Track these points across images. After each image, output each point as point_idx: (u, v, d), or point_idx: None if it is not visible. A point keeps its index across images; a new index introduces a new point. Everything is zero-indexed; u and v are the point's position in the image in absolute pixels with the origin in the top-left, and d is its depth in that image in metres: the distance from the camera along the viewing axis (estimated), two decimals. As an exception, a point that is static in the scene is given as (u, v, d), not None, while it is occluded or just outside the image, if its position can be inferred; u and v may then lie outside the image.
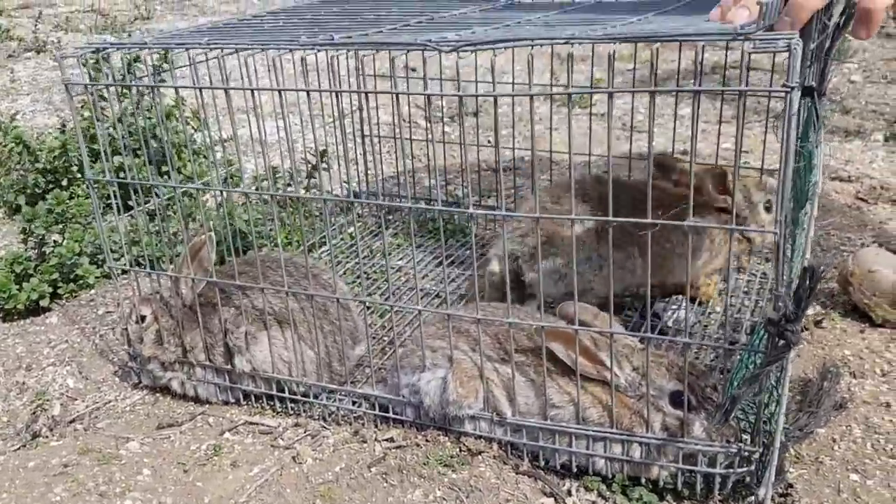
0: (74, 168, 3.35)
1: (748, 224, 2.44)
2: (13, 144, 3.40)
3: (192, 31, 2.07)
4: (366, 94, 2.57)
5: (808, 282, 1.36)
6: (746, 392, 1.48)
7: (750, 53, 1.29)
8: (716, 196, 2.33)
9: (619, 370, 1.70)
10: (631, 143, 2.74)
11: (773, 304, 1.41)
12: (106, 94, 2.24)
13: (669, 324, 2.32)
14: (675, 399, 1.67)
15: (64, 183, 3.34)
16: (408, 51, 1.58)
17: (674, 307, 2.41)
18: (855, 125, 4.31)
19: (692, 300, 2.45)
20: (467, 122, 4.21)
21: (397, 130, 2.44)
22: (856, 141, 4.08)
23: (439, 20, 1.95)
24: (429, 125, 2.01)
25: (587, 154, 2.69)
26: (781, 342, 1.42)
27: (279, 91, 1.69)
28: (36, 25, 6.62)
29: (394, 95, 1.64)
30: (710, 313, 2.41)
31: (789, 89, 1.27)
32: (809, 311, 2.42)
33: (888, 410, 2.00)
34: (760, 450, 1.60)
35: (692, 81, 3.91)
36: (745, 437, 1.67)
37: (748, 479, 1.64)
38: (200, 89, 1.81)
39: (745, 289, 2.55)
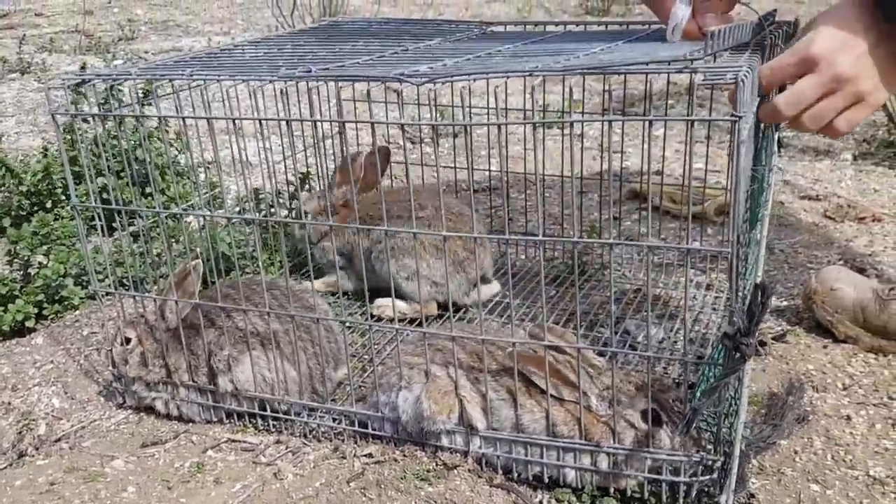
0: (58, 190, 3.40)
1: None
2: (-5, 166, 3.46)
3: (176, 60, 2.14)
4: (343, 122, 2.65)
5: (759, 297, 1.44)
6: (706, 403, 1.56)
7: (699, 85, 1.37)
8: None
9: (589, 390, 1.77)
10: (601, 164, 2.83)
11: (728, 319, 1.49)
12: (90, 120, 2.30)
13: (640, 339, 2.40)
14: (647, 416, 1.74)
15: (48, 205, 3.39)
16: (382, 82, 1.66)
17: (646, 324, 2.49)
18: (825, 144, 4.43)
19: (660, 316, 2.53)
20: (448, 143, 4.30)
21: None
22: (825, 160, 4.19)
23: (414, 51, 2.03)
24: (404, 149, 2.08)
25: (560, 175, 2.77)
26: (737, 355, 1.50)
27: (259, 121, 1.76)
28: (20, 47, 6.66)
29: (371, 125, 1.72)
30: (678, 330, 2.49)
31: (737, 118, 1.36)
32: (775, 328, 2.51)
33: (848, 423, 2.08)
34: (722, 458, 1.68)
35: (665, 104, 3.99)
36: (708, 447, 1.74)
37: (711, 487, 1.71)
38: (184, 118, 1.88)
39: (714, 305, 2.64)
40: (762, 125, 2.02)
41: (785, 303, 2.68)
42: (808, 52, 1.71)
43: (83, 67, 3.29)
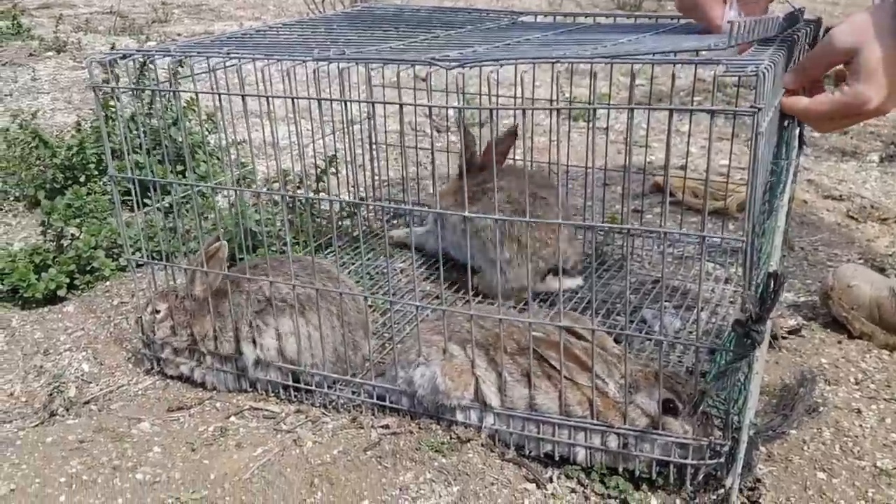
0: (91, 165, 3.49)
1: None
2: (30, 139, 3.56)
3: (213, 40, 2.21)
4: (373, 104, 2.70)
5: (772, 286, 1.48)
6: (715, 387, 1.60)
7: (720, 76, 1.41)
8: None
9: (608, 378, 1.82)
10: (625, 156, 2.86)
11: (740, 307, 1.53)
12: (124, 97, 2.36)
13: (656, 328, 2.43)
14: (665, 406, 1.78)
15: (82, 179, 3.49)
16: (413, 66, 1.71)
17: (666, 314, 2.52)
18: (851, 146, 4.42)
19: (678, 307, 2.57)
20: (475, 131, 4.34)
21: (406, 138, 2.57)
22: (851, 161, 4.19)
23: (444, 38, 2.08)
24: (431, 136, 2.13)
25: (584, 166, 2.80)
26: (748, 341, 1.54)
27: (292, 99, 1.82)
28: (57, 26, 6.79)
29: (399, 106, 1.77)
30: (695, 320, 2.52)
31: (757, 110, 1.39)
32: (790, 322, 2.53)
33: (858, 416, 2.11)
34: (730, 443, 1.71)
35: (691, 98, 4.01)
36: (717, 432, 1.78)
37: (718, 471, 1.76)
38: (219, 94, 1.95)
39: (732, 299, 2.67)
40: (785, 121, 2.05)
41: (802, 298, 2.71)
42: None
43: (113, 47, 3.37)
